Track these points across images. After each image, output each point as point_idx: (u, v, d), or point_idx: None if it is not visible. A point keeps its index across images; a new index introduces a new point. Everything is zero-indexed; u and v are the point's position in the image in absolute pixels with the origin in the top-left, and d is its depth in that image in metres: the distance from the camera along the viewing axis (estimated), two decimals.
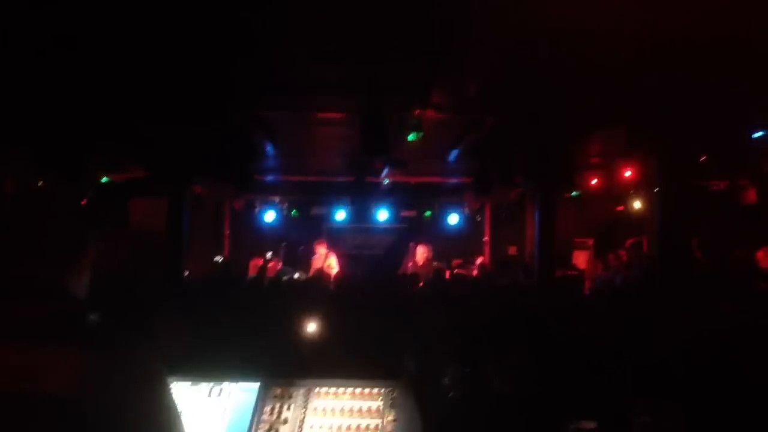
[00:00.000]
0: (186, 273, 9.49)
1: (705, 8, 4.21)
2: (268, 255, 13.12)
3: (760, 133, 7.94)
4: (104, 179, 11.57)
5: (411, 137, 7.69)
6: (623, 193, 12.40)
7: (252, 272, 12.68)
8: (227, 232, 14.83)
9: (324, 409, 2.62)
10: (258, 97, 7.33)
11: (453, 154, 10.34)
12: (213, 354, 2.94)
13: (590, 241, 14.41)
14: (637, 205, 12.19)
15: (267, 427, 2.56)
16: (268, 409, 2.62)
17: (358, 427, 2.55)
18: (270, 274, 11.71)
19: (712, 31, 4.65)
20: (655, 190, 7.92)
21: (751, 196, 11.28)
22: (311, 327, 5.92)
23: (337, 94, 7.19)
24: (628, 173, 10.78)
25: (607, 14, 4.35)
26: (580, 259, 14.11)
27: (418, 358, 5.66)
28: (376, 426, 2.55)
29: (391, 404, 2.61)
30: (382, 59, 5.61)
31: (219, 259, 12.75)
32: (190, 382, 2.70)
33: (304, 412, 2.61)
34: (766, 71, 5.57)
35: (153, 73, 6.19)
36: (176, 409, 1.64)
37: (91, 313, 1.61)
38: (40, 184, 7.95)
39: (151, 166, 9.00)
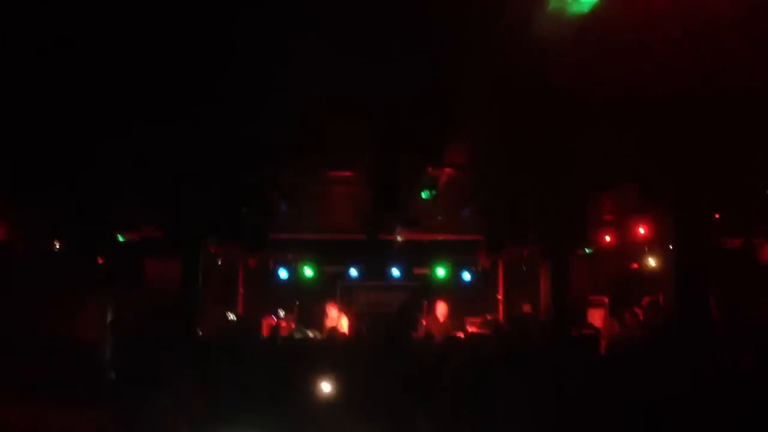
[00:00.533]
0: (200, 332, 9.46)
1: (716, 66, 4.26)
2: (281, 314, 13.09)
3: None
4: (120, 238, 11.66)
5: (424, 195, 7.76)
6: (637, 250, 12.31)
7: (265, 331, 12.63)
8: (241, 290, 14.82)
9: None
10: (272, 158, 7.44)
11: (465, 212, 10.37)
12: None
13: (605, 299, 14.26)
14: (651, 262, 12.08)
15: None
16: None
17: None
18: (283, 333, 11.66)
19: (722, 89, 4.70)
20: (670, 247, 7.88)
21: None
22: (325, 390, 5.87)
23: (351, 154, 7.29)
24: (641, 230, 10.72)
25: (619, 73, 4.42)
26: (596, 317, 13.92)
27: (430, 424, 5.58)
28: None
29: None
30: (396, 120, 5.71)
31: (231, 316, 12.69)
32: None
33: None
34: None
35: (170, 134, 6.31)
36: None
37: (112, 369, 1.64)
38: (57, 244, 8.04)
39: (166, 227, 9.07)
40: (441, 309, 12.30)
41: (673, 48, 3.82)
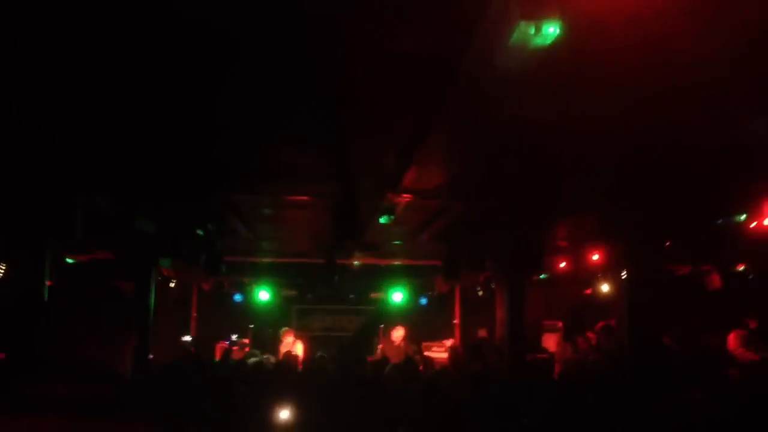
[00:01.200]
0: (151, 357, 9.24)
1: (667, 102, 4.38)
2: (233, 338, 12.90)
3: (721, 220, 8.15)
4: (69, 260, 11.37)
5: (382, 220, 7.76)
6: (591, 276, 12.52)
7: (218, 355, 12.42)
8: (194, 314, 14.57)
9: None
10: (228, 182, 7.37)
11: (423, 237, 10.41)
12: None
13: (560, 324, 14.44)
14: (605, 288, 12.29)
15: None
16: None
17: None
18: (236, 356, 11.48)
19: (677, 122, 4.83)
20: (622, 275, 8.02)
21: (716, 281, 11.47)
22: (281, 416, 5.78)
23: (308, 179, 7.26)
24: (595, 257, 10.91)
25: (573, 109, 4.51)
26: (550, 341, 14.09)
27: None
28: None
29: None
30: (352, 147, 5.71)
31: (188, 339, 12.43)
32: None
33: None
34: (727, 160, 5.78)
35: (121, 157, 6.19)
36: None
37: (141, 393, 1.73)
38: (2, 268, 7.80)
39: (117, 249, 8.88)
40: (398, 333, 12.29)
41: (633, 83, 3.91)
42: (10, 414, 1.60)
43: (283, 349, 12.07)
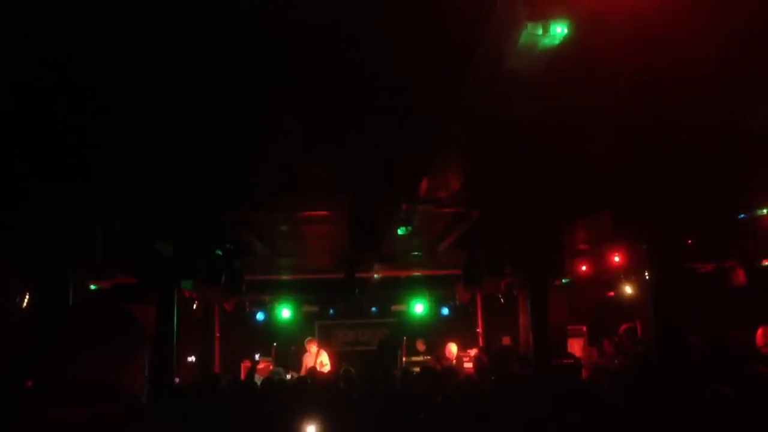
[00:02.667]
0: (177, 380, 9.28)
1: (684, 97, 4.35)
2: (257, 357, 12.93)
3: (744, 215, 8.06)
4: (92, 287, 11.48)
5: (400, 231, 7.75)
6: (613, 278, 12.40)
7: (243, 375, 12.45)
8: (217, 334, 14.61)
9: None
10: (244, 200, 7.41)
11: (442, 246, 10.39)
12: None
13: (584, 328, 14.31)
14: (627, 290, 12.16)
15: None
16: None
17: None
18: (261, 374, 11.50)
19: (693, 118, 4.79)
20: (645, 275, 7.94)
21: (740, 277, 11.30)
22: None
23: (325, 193, 7.28)
24: (616, 258, 10.81)
25: (590, 106, 4.49)
26: (575, 346, 13.95)
27: None
28: None
29: None
30: (367, 160, 5.73)
31: (192, 359, 12.38)
32: None
33: None
34: (747, 155, 5.72)
35: (139, 181, 6.25)
36: None
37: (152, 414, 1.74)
38: (27, 297, 7.87)
39: (138, 273, 8.94)
40: (451, 348, 12.51)
41: (644, 79, 3.90)
42: None
43: (307, 359, 12.10)
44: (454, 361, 12.28)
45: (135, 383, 1.81)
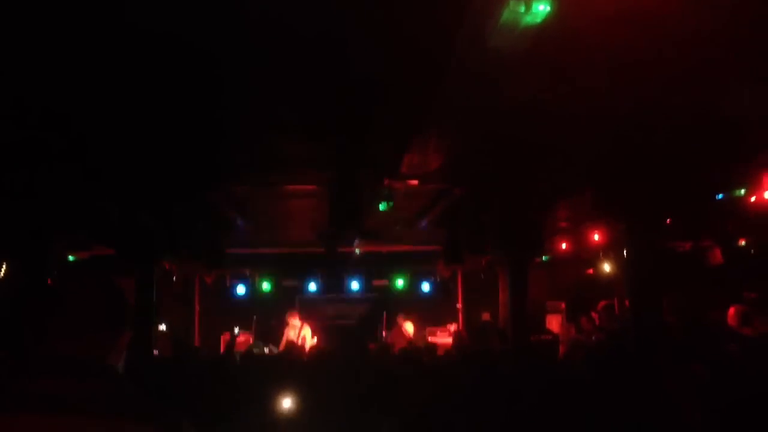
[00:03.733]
0: (156, 352, 9.27)
1: (663, 77, 4.37)
2: (236, 330, 12.93)
3: (722, 195, 8.14)
4: (71, 257, 11.39)
5: (381, 207, 7.75)
6: (592, 256, 12.52)
7: (223, 348, 12.46)
8: (198, 307, 14.58)
9: None
10: (227, 174, 7.36)
11: (423, 223, 10.41)
12: None
13: (562, 305, 14.47)
14: (606, 268, 12.30)
15: None
16: None
17: None
18: (241, 348, 11.51)
19: (672, 97, 4.81)
20: (624, 253, 8.01)
21: (718, 256, 11.47)
22: (285, 406, 5.79)
23: (306, 168, 7.25)
24: (596, 237, 10.91)
25: (571, 86, 4.49)
26: (554, 323, 14.13)
27: None
28: None
29: None
30: (351, 136, 5.70)
31: (163, 328, 12.25)
32: None
33: None
34: (725, 135, 5.76)
35: (118, 152, 6.18)
36: None
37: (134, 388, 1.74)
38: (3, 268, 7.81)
39: (118, 245, 8.88)
40: (402, 321, 12.42)
41: (624, 59, 3.90)
42: (4, 412, 1.60)
43: (289, 331, 12.10)
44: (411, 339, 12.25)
45: (118, 358, 1.81)
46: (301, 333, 12.10)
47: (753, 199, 7.78)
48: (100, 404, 1.64)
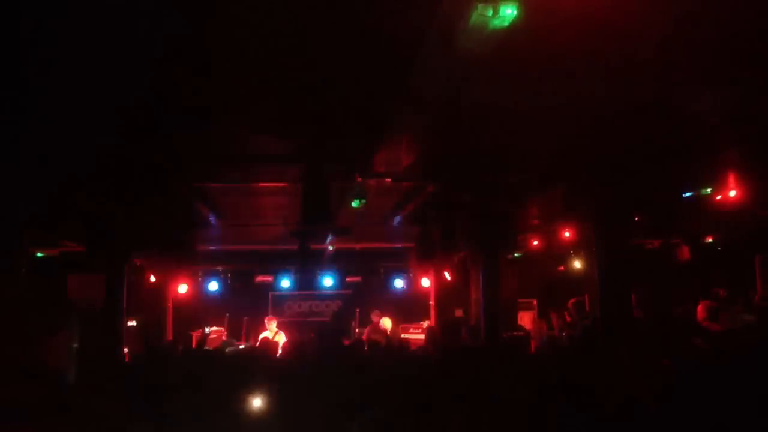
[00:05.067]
0: (126, 350, 9.20)
1: (628, 78, 4.45)
2: (207, 330, 12.86)
3: (689, 194, 8.29)
4: (39, 254, 11.24)
5: (354, 204, 7.76)
6: (564, 253, 12.67)
7: (194, 344, 12.37)
8: (170, 304, 14.47)
9: None
10: (198, 170, 7.32)
11: (396, 220, 10.45)
12: None
13: (534, 301, 14.63)
14: (577, 264, 12.45)
15: None
16: None
17: None
18: (212, 345, 11.45)
19: (639, 97, 4.90)
20: (593, 250, 8.13)
21: (685, 254, 11.68)
22: (255, 404, 5.79)
23: (278, 165, 7.24)
24: (567, 234, 11.04)
25: (539, 87, 4.55)
26: (526, 319, 14.27)
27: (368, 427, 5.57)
28: None
29: None
30: (322, 133, 5.71)
31: (133, 323, 12.08)
32: None
33: None
34: (693, 135, 5.88)
35: (89, 147, 6.13)
36: None
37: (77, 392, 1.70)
38: None
39: (88, 242, 8.79)
40: (376, 317, 12.47)
41: (591, 61, 3.96)
42: None
43: (266, 335, 12.06)
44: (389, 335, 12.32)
45: (59, 360, 1.73)
46: (276, 338, 12.07)
47: (719, 197, 7.93)
48: (36, 411, 1.59)
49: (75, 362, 1.78)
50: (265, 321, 12.33)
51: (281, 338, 12.07)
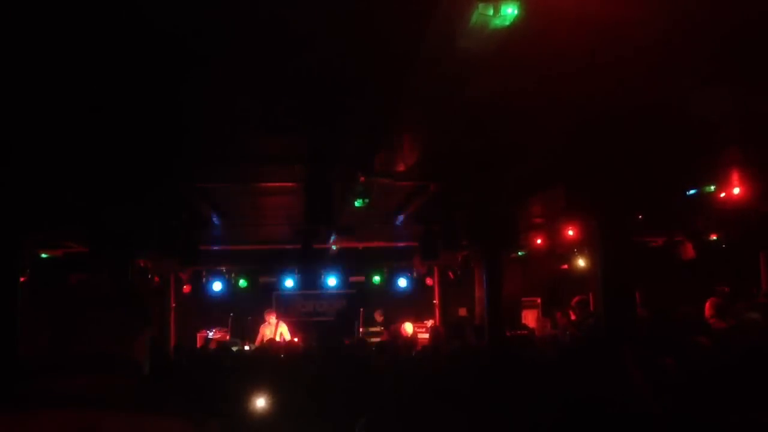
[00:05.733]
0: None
1: (630, 77, 4.43)
2: (209, 335, 12.90)
3: (693, 191, 8.27)
4: (43, 255, 11.28)
5: (357, 203, 7.75)
6: (567, 251, 12.65)
7: (199, 345, 12.41)
8: (173, 304, 14.50)
9: None
10: (201, 170, 7.32)
11: (399, 219, 10.45)
12: None
13: (538, 300, 14.62)
14: (580, 263, 12.42)
15: None
16: None
17: None
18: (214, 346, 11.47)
19: (639, 98, 4.89)
20: (597, 249, 8.11)
21: (689, 251, 11.64)
22: (260, 403, 5.79)
23: (281, 165, 7.24)
24: (570, 232, 11.02)
25: (542, 86, 4.54)
26: (529, 318, 14.27)
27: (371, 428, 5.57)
28: None
29: None
30: (324, 132, 5.71)
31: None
32: None
33: None
34: (695, 132, 5.86)
35: (92, 149, 6.13)
36: None
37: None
38: None
39: (92, 243, 8.80)
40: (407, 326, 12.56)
41: (594, 60, 3.95)
42: (30, 411, 1.60)
43: (266, 329, 12.09)
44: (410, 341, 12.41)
45: (140, 357, 1.82)
46: (278, 330, 12.10)
47: (723, 194, 7.91)
48: (128, 400, 1.67)
49: (149, 357, 1.87)
50: (265, 315, 12.37)
51: (283, 329, 12.12)
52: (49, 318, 1.79)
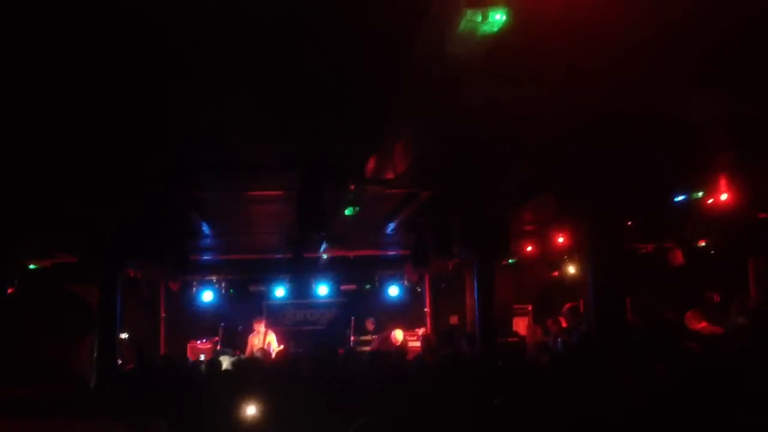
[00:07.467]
0: (120, 362, 9.15)
1: (619, 83, 4.46)
2: (198, 343, 12.83)
3: (681, 197, 8.31)
4: (32, 266, 11.21)
5: (348, 212, 7.75)
6: (558, 258, 12.69)
7: (190, 355, 12.36)
8: (163, 314, 14.43)
9: None
10: (191, 179, 7.30)
11: (390, 227, 10.45)
12: None
13: (529, 307, 14.64)
14: (571, 270, 12.47)
15: None
16: None
17: None
18: (207, 356, 11.43)
19: (628, 104, 4.91)
20: (587, 256, 8.14)
21: (678, 258, 11.71)
22: (250, 413, 5.77)
23: (271, 173, 7.23)
24: (561, 239, 11.06)
25: (532, 92, 4.56)
26: (521, 325, 14.28)
27: None
28: None
29: None
30: (314, 141, 5.71)
31: (125, 336, 12.01)
32: None
33: None
34: (684, 139, 5.90)
35: (83, 157, 6.11)
36: None
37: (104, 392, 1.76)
38: None
39: (81, 252, 8.75)
40: (397, 333, 12.51)
41: (583, 66, 3.97)
42: None
43: (254, 338, 12.04)
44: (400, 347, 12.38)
45: (82, 365, 1.82)
46: (266, 339, 12.06)
47: (711, 200, 7.96)
48: (68, 407, 1.65)
49: (95, 369, 1.90)
50: (254, 324, 12.33)
51: (271, 338, 12.08)
52: None
